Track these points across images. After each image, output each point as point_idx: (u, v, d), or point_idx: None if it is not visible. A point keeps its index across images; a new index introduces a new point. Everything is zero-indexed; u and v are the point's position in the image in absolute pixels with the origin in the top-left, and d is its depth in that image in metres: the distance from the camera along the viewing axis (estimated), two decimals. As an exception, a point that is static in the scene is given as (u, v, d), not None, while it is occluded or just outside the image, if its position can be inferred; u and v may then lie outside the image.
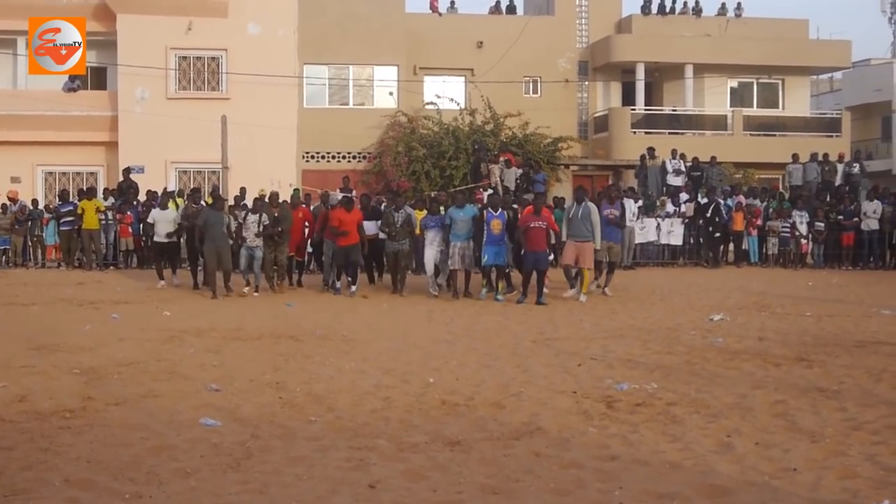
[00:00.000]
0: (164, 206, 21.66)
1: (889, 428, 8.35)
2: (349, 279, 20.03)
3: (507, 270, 19.67)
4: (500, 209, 19.27)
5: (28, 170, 31.50)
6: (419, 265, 21.56)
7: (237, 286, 20.21)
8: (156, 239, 21.46)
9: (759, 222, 27.62)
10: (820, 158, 30.84)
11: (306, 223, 21.55)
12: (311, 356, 12.54)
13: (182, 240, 21.65)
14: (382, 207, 21.76)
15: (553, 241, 19.04)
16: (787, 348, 13.08)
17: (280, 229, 20.00)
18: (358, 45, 33.24)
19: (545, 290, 18.93)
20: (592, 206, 19.14)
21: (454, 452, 7.72)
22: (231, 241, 20.09)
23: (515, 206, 20.70)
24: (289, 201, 21.62)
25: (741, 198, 28.04)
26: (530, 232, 18.48)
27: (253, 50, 31.63)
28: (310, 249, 22.25)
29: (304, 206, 22.18)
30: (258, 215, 20.01)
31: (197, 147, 29.82)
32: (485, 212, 19.25)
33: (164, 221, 21.22)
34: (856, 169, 30.79)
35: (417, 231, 20.57)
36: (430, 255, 19.87)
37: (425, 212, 21.04)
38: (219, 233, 19.47)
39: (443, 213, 20.38)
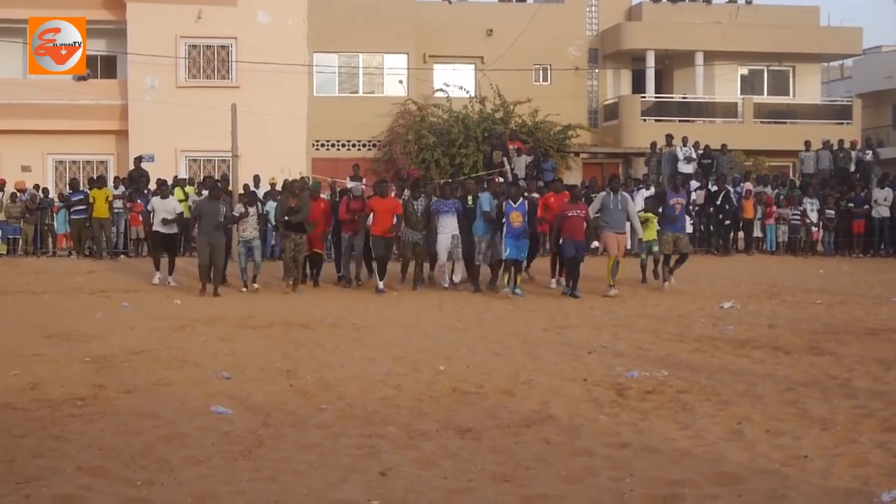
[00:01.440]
0: (164, 196, 20.25)
1: (900, 415, 8.35)
2: (378, 273, 18.91)
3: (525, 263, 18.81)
4: (519, 200, 18.24)
5: (38, 158, 31.55)
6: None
7: (236, 284, 19.31)
8: (154, 228, 20.06)
9: (774, 210, 27.52)
10: (835, 146, 30.80)
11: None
12: (321, 344, 12.58)
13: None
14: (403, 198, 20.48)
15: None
16: (798, 336, 13.08)
17: (291, 219, 18.56)
18: (367, 34, 33.17)
19: (560, 280, 19.05)
20: (628, 195, 18.81)
21: (465, 440, 7.74)
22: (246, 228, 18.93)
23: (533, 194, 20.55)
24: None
25: (749, 185, 27.95)
26: (568, 221, 17.86)
27: (263, 38, 31.63)
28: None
29: (324, 197, 20.88)
30: (255, 208, 19.24)
31: (207, 135, 29.79)
32: (504, 203, 18.25)
33: (163, 210, 19.77)
34: (869, 156, 30.73)
35: None
36: (444, 242, 18.86)
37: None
38: (212, 225, 18.39)
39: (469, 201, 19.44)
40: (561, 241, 18.15)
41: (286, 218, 18.58)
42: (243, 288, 19.04)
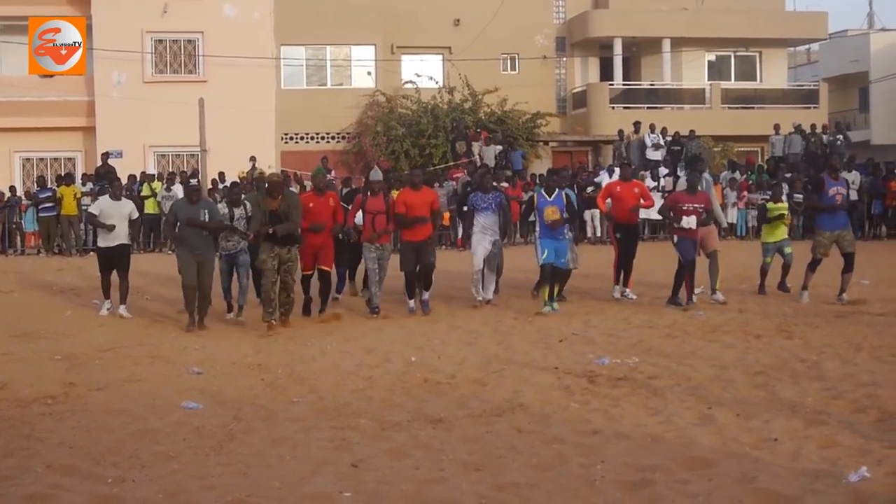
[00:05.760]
0: (116, 196, 15.03)
1: (868, 397, 8.41)
2: (419, 288, 14.77)
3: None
4: (555, 192, 14.56)
5: (5, 156, 31.26)
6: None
7: (218, 312, 14.65)
8: (100, 244, 15.01)
9: (746, 195, 27.65)
10: (808, 130, 30.99)
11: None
12: (293, 338, 12.56)
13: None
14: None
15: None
16: (768, 320, 13.16)
17: (278, 230, 13.11)
18: (335, 25, 33.07)
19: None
20: (710, 178, 16.40)
21: (436, 430, 7.75)
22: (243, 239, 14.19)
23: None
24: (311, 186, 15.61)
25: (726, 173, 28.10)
26: (684, 214, 14.55)
27: (229, 32, 31.42)
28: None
29: (333, 191, 15.75)
30: (242, 208, 14.33)
31: (175, 130, 29.63)
32: (536, 196, 14.88)
33: (114, 217, 14.55)
34: (840, 140, 30.95)
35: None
36: (482, 246, 14.97)
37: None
38: (197, 236, 13.58)
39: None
40: (675, 240, 14.97)
41: (270, 230, 13.09)
42: (228, 314, 14.65)
